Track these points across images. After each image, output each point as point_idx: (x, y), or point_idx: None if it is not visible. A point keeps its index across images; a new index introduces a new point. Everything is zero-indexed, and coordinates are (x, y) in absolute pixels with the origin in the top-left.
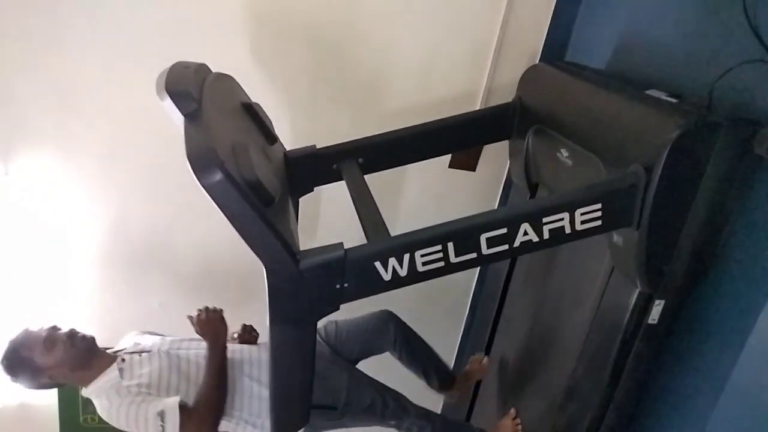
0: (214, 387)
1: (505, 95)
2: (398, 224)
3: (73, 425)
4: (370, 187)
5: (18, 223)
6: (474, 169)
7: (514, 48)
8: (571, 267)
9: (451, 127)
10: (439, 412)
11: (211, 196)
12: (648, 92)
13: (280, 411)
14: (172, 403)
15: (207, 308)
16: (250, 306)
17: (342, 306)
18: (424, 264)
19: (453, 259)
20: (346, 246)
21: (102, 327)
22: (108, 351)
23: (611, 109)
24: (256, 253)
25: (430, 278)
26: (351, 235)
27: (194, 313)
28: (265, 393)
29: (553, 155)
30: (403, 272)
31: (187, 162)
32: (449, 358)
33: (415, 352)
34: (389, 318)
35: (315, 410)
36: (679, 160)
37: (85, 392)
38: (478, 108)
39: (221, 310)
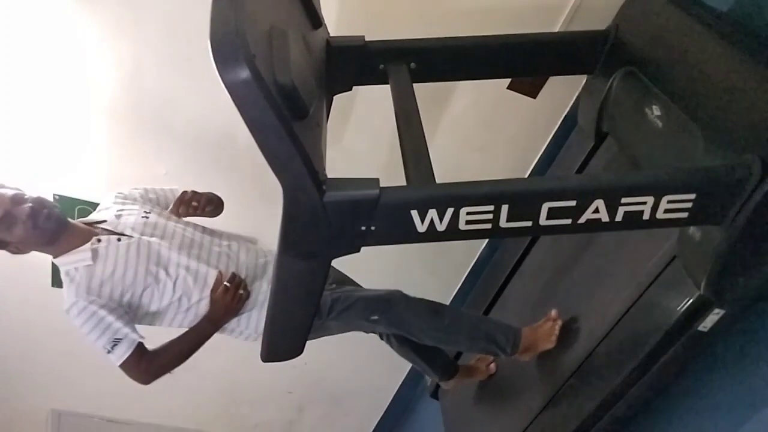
0: (181, 355)
1: (594, 20)
2: (436, 138)
3: None
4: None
5: (25, 61)
6: (535, 96)
7: None
8: (620, 237)
9: (524, 45)
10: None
11: (231, 95)
12: None
13: (274, 339)
14: (131, 339)
15: (238, 287)
16: (261, 202)
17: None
18: (468, 222)
19: (503, 223)
20: (380, 177)
21: (106, 183)
22: (83, 223)
23: (732, 70)
24: (276, 172)
25: (470, 239)
26: (382, 148)
27: (223, 269)
28: None
29: (640, 109)
30: (441, 227)
31: (209, 46)
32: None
33: (414, 344)
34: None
35: None
36: None
37: (56, 262)
38: (557, 29)
39: (248, 296)
